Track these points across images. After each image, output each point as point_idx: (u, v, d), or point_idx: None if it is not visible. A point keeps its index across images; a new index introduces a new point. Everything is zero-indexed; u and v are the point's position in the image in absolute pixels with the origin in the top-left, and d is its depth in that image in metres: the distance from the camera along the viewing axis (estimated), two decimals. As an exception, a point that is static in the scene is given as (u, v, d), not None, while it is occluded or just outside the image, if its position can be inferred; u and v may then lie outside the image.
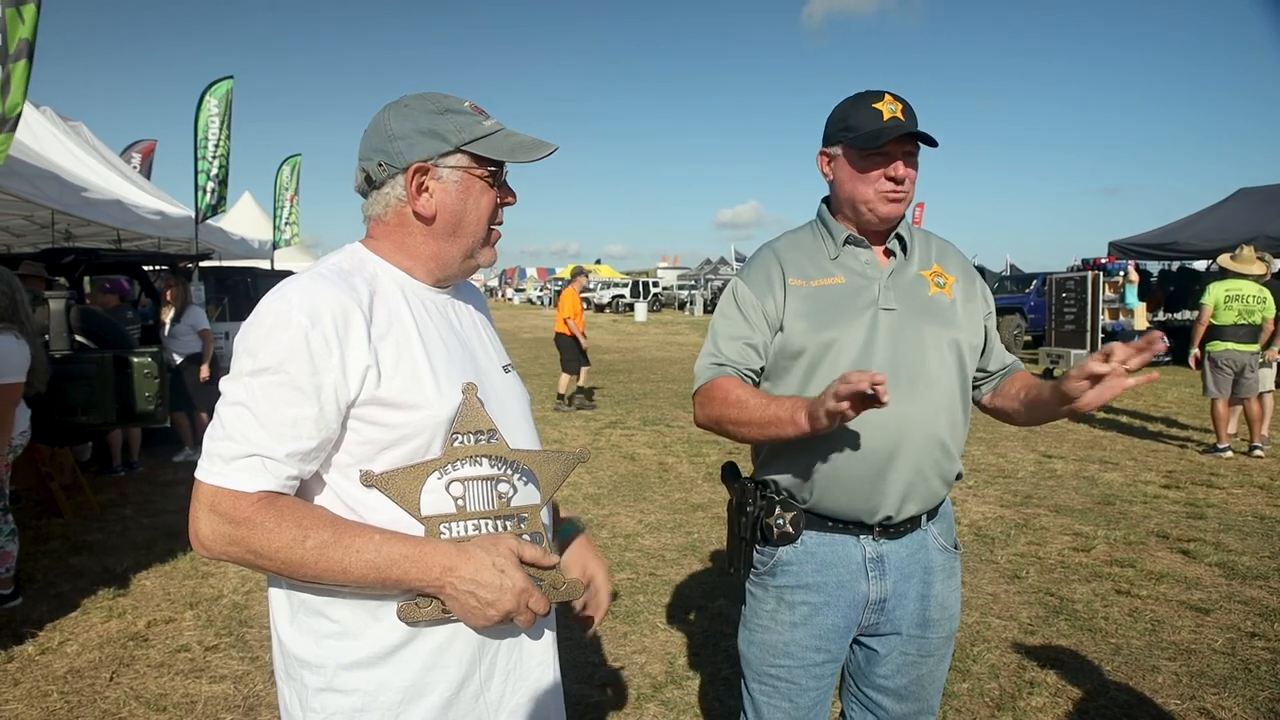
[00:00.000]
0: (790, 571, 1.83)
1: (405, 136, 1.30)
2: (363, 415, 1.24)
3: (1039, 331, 16.13)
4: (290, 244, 15.35)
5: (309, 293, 1.22)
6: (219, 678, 3.50)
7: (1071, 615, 4.07)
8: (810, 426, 1.57)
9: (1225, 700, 3.25)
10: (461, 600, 1.21)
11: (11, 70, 3.68)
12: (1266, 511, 5.88)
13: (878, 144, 1.72)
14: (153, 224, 9.51)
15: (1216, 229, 14.86)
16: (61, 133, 9.28)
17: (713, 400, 1.80)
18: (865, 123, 1.75)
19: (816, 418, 1.53)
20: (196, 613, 4.17)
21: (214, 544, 1.19)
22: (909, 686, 1.88)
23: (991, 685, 3.38)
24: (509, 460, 1.31)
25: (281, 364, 1.18)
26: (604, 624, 4.00)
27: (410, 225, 1.34)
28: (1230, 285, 7.65)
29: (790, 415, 1.62)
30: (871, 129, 1.73)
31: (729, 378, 1.80)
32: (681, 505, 6.15)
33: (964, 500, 6.17)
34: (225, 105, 10.77)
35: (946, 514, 1.93)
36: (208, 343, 7.56)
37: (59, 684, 3.45)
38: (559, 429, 9.26)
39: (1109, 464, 7.45)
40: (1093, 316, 12.59)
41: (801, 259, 1.86)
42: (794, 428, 1.61)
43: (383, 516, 1.24)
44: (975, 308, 1.89)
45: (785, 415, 1.63)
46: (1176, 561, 4.85)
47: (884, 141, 1.72)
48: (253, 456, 1.17)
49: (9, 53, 3.62)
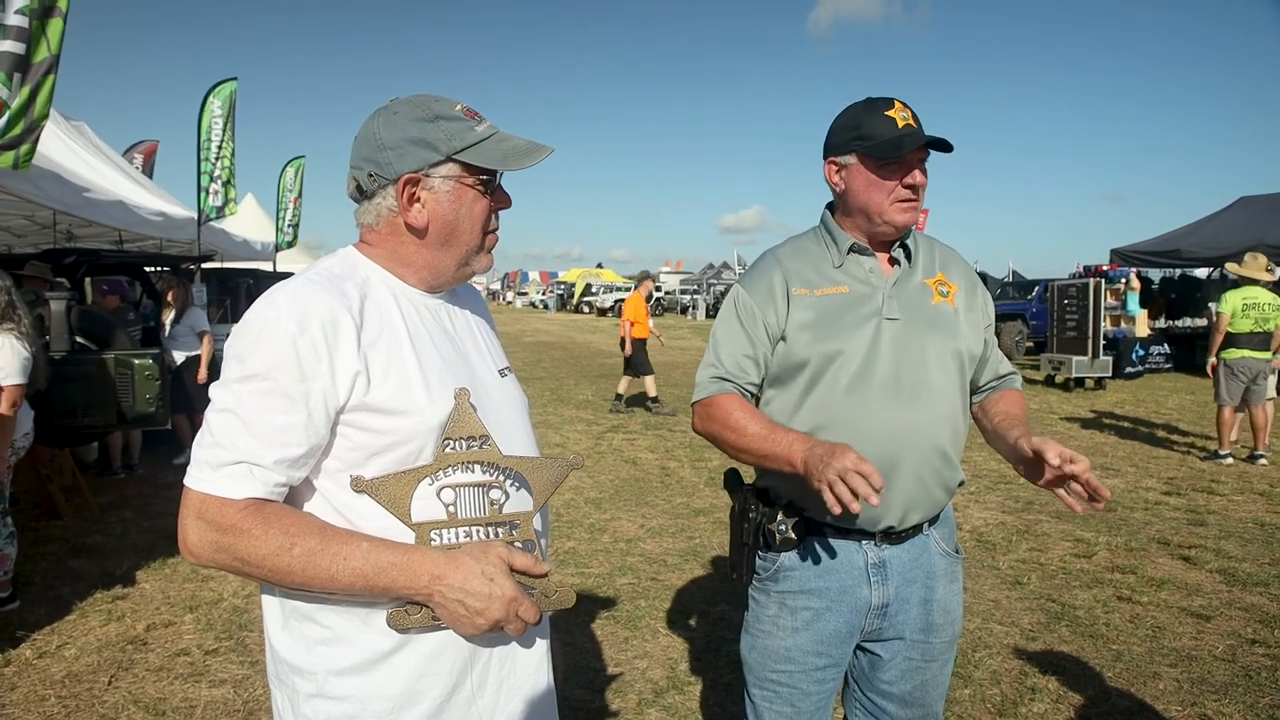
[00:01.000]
0: (792, 577, 1.82)
1: (395, 146, 1.28)
2: (353, 421, 1.23)
3: (1041, 338, 16.11)
4: (293, 246, 15.36)
5: (298, 299, 1.21)
6: (219, 682, 3.49)
7: (1073, 621, 4.06)
8: (804, 473, 1.59)
9: (1226, 706, 3.24)
10: (450, 609, 1.20)
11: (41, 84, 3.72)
12: (1267, 518, 5.87)
13: (900, 153, 1.71)
14: (155, 225, 9.50)
15: (1218, 237, 14.87)
16: (64, 132, 9.28)
17: (713, 419, 1.82)
18: (882, 131, 1.73)
19: (812, 475, 1.55)
20: (196, 616, 4.16)
21: (202, 551, 1.18)
22: (912, 692, 1.87)
23: (993, 691, 3.37)
24: (501, 467, 1.30)
25: (270, 371, 1.17)
26: (605, 629, 3.99)
27: (402, 235, 1.33)
28: (1247, 294, 7.69)
29: (787, 456, 1.64)
30: (890, 137, 1.72)
31: (730, 395, 1.81)
32: (683, 510, 6.14)
33: (966, 506, 6.15)
34: (229, 107, 10.78)
35: (948, 519, 1.93)
36: (208, 344, 7.55)
37: (57, 688, 3.44)
38: (561, 433, 9.25)
39: (1110, 470, 7.43)
40: (1094, 323, 12.58)
41: (805, 267, 1.85)
42: (790, 469, 1.64)
43: (373, 523, 1.23)
44: (976, 318, 1.89)
45: (782, 454, 1.65)
46: (1177, 568, 4.84)
47: (906, 151, 1.71)
48: (240, 464, 1.17)
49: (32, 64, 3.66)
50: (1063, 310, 13.24)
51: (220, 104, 10.64)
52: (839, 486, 1.47)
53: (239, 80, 11.00)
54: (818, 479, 1.52)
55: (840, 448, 1.52)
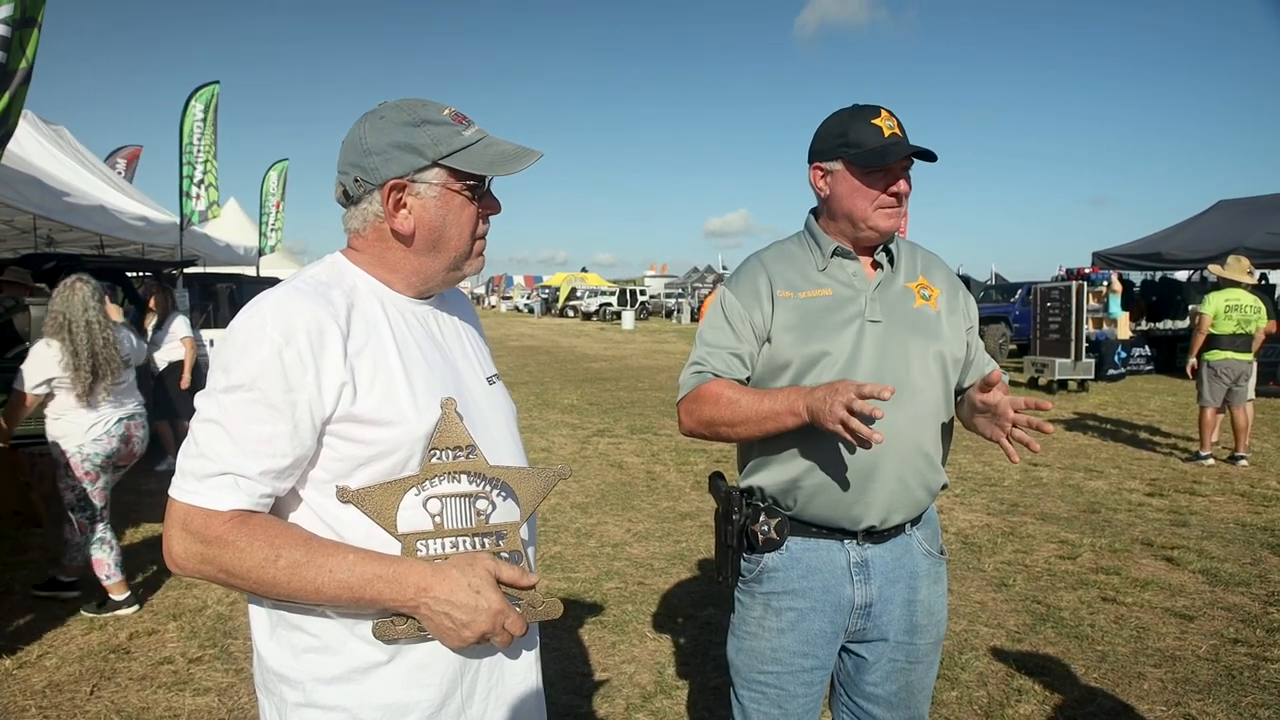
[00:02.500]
0: (776, 578, 1.83)
1: (380, 151, 1.27)
2: (339, 431, 1.22)
3: (1024, 340, 16.24)
4: (275, 250, 15.27)
5: (284, 308, 1.20)
6: (203, 690, 3.46)
7: (1058, 623, 4.08)
8: (810, 420, 1.61)
9: (1209, 706, 3.27)
10: (436, 621, 1.20)
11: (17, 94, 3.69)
12: (1248, 518, 5.93)
13: (885, 162, 1.74)
14: (137, 230, 9.43)
15: (1198, 240, 15.05)
16: (44, 137, 9.20)
17: (702, 404, 1.81)
18: (868, 139, 1.76)
19: (819, 417, 1.57)
20: (180, 624, 4.12)
21: (187, 563, 1.17)
22: (898, 694, 1.88)
23: (980, 693, 3.39)
24: (488, 477, 1.29)
25: (255, 381, 1.16)
26: (592, 634, 3.98)
27: (389, 241, 1.32)
28: (1229, 295, 7.77)
29: (789, 407, 1.65)
30: (876, 146, 1.75)
31: (718, 380, 1.82)
32: (669, 514, 6.14)
33: (951, 509, 6.18)
34: (211, 110, 10.71)
35: (931, 520, 1.94)
36: (190, 350, 7.49)
37: (37, 698, 3.39)
38: (546, 438, 9.23)
39: (1094, 472, 7.49)
40: (1077, 326, 12.68)
41: (789, 270, 1.87)
42: (794, 418, 1.65)
43: (360, 533, 1.22)
44: (958, 321, 1.91)
45: (783, 408, 1.67)
46: (1161, 569, 4.88)
47: (892, 160, 1.73)
48: (225, 475, 1.16)
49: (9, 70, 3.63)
50: (1045, 313, 13.35)
51: (202, 108, 10.57)
52: (853, 423, 1.49)
53: (221, 84, 10.95)
54: (829, 421, 1.54)
55: (840, 384, 1.55)
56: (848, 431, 1.51)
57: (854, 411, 1.50)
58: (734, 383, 1.81)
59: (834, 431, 1.54)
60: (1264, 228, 14.00)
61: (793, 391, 1.68)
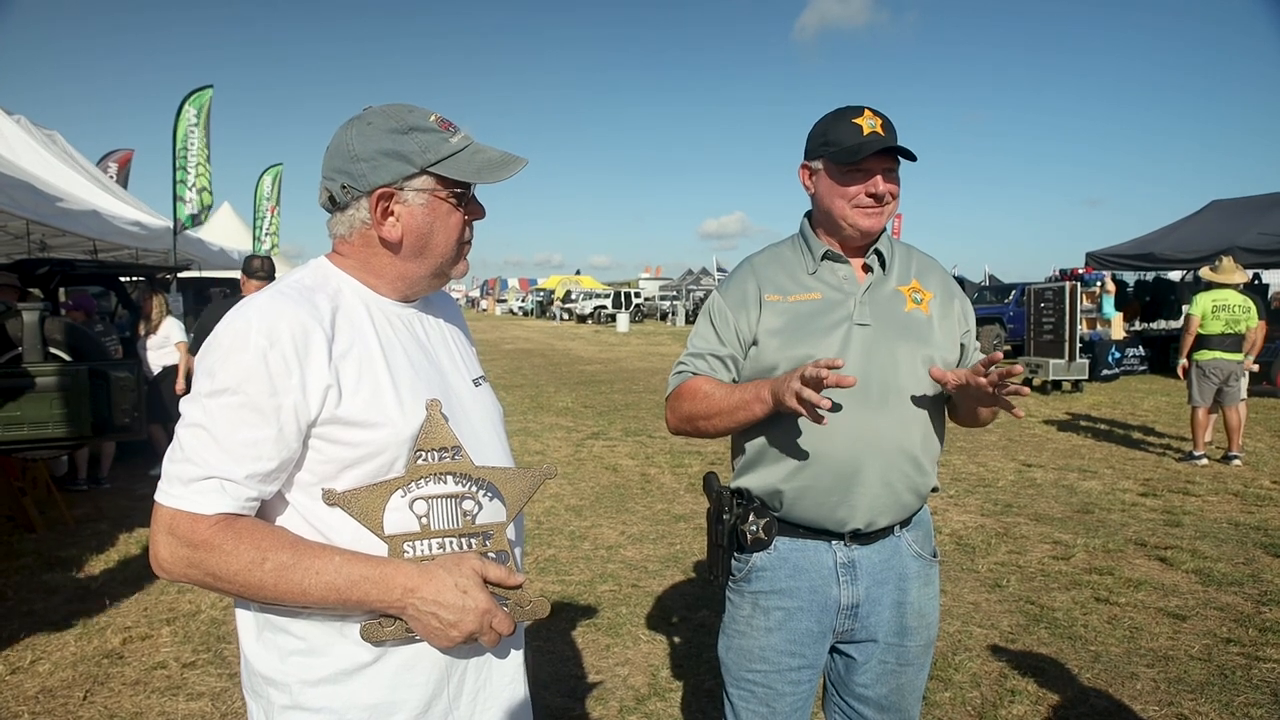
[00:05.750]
0: (764, 577, 1.84)
1: (368, 158, 1.27)
2: (324, 434, 1.22)
3: (1018, 341, 16.27)
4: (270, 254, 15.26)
5: (268, 312, 1.20)
6: (196, 695, 3.45)
7: (1051, 623, 4.09)
8: (774, 404, 1.66)
9: (1202, 706, 3.28)
10: (424, 621, 1.20)
11: None
12: (1240, 518, 5.95)
13: (856, 159, 1.75)
14: (130, 235, 9.41)
15: (1190, 240, 15.10)
16: (37, 141, 9.19)
17: (682, 400, 1.86)
18: (845, 138, 1.77)
19: (780, 395, 1.61)
20: (173, 629, 4.11)
21: (173, 567, 1.17)
22: (889, 695, 1.88)
23: (973, 694, 3.39)
24: (473, 477, 1.30)
25: (240, 385, 1.17)
26: (586, 636, 3.98)
27: (375, 246, 1.32)
28: (1217, 295, 7.79)
29: (755, 394, 1.71)
30: (850, 144, 1.76)
31: (699, 377, 1.86)
32: (664, 516, 6.14)
33: (945, 510, 6.20)
34: (205, 114, 10.70)
35: (923, 522, 1.94)
36: (184, 354, 7.48)
37: (30, 704, 3.38)
38: (541, 440, 9.23)
39: (1087, 472, 7.51)
40: (1070, 326, 12.72)
41: (779, 274, 1.88)
42: (761, 405, 1.69)
43: (346, 535, 1.23)
44: (951, 325, 1.90)
45: (750, 396, 1.72)
46: (1154, 569, 4.90)
47: (862, 157, 1.74)
48: (211, 479, 1.16)
49: None
50: (1039, 314, 13.38)
51: (196, 112, 10.57)
52: (805, 391, 1.53)
53: (215, 88, 10.94)
54: (786, 397, 1.58)
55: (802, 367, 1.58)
56: (800, 403, 1.54)
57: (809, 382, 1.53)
58: (712, 379, 1.85)
59: (792, 409, 1.58)
60: (1256, 227, 14.06)
61: (761, 381, 1.72)
